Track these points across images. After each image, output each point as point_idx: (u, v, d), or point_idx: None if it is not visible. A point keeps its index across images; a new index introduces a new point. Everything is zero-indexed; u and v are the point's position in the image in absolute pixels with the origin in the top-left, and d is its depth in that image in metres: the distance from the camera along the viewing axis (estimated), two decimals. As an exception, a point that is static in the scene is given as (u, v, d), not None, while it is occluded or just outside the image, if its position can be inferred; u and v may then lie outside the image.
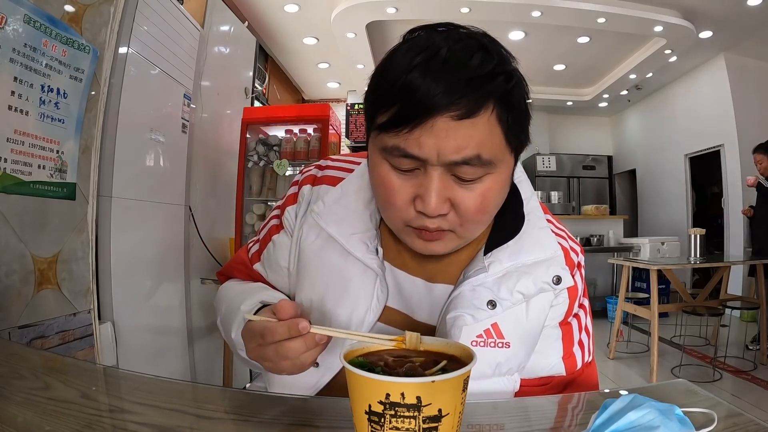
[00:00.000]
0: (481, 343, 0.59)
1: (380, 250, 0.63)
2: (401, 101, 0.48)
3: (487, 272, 0.60)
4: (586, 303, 0.69)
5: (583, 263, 0.67)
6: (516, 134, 0.53)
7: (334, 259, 0.64)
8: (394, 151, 0.50)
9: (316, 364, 0.61)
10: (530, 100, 0.55)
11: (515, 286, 0.60)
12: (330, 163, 0.72)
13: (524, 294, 0.60)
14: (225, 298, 0.71)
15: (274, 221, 0.74)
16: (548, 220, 0.66)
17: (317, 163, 0.74)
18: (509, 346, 0.60)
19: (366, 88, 0.55)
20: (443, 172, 0.50)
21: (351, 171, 0.69)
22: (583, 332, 0.67)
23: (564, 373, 0.65)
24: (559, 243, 0.63)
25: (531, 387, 0.66)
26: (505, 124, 0.51)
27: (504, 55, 0.52)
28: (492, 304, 0.59)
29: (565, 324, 0.65)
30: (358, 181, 0.66)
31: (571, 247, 0.66)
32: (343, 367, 0.40)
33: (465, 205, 0.52)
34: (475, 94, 0.48)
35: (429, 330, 0.62)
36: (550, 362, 0.65)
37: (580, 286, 0.66)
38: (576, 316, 0.66)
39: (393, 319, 0.64)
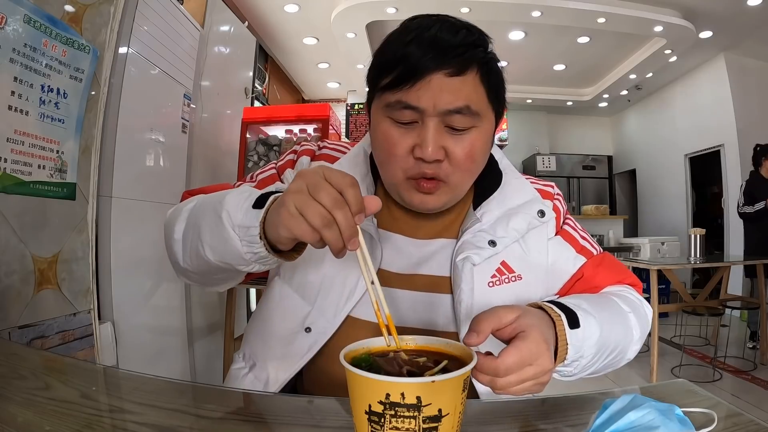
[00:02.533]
0: (497, 282, 0.67)
1: (375, 219, 0.68)
2: (402, 64, 0.58)
3: (481, 222, 0.68)
4: (571, 219, 0.78)
5: (561, 193, 0.78)
6: (496, 97, 0.63)
7: None
8: (397, 105, 0.59)
9: (308, 329, 0.65)
10: (504, 75, 0.65)
11: (508, 224, 0.69)
12: (327, 144, 0.79)
13: (517, 230, 0.69)
14: (203, 196, 0.66)
15: (272, 171, 0.77)
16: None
17: (315, 143, 0.80)
18: (521, 278, 0.68)
19: (367, 72, 0.64)
20: (438, 122, 0.58)
21: (344, 153, 0.77)
22: (580, 231, 0.77)
23: (585, 260, 0.73)
24: (534, 188, 0.75)
25: (569, 291, 0.73)
26: (487, 85, 0.60)
27: (484, 36, 0.62)
28: (492, 243, 0.67)
29: (560, 231, 0.75)
30: (353, 159, 0.74)
31: (545, 184, 0.77)
32: (339, 356, 0.40)
33: (456, 152, 0.60)
34: (462, 57, 0.58)
35: (436, 280, 0.67)
36: (570, 262, 0.73)
37: (562, 208, 0.76)
38: (566, 223, 0.76)
39: (393, 280, 0.67)
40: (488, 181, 0.72)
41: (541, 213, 0.71)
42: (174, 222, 0.65)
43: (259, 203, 0.52)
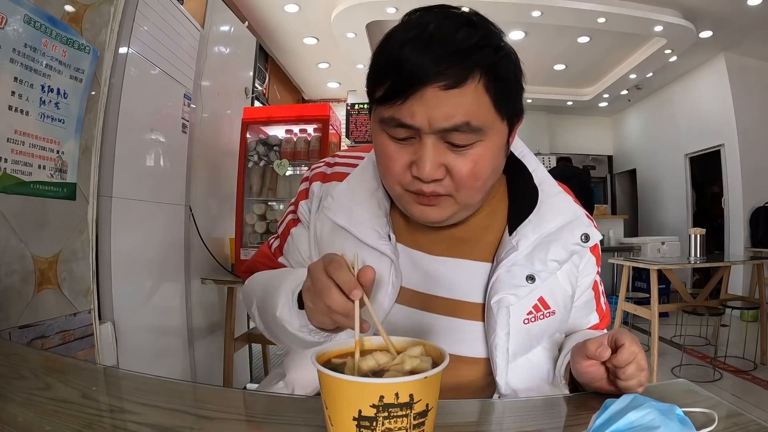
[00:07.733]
0: (532, 319, 0.63)
1: (392, 236, 0.65)
2: (393, 75, 0.52)
3: (518, 250, 0.62)
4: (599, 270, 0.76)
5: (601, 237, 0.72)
6: (505, 104, 0.55)
7: (349, 251, 0.66)
8: (390, 122, 0.54)
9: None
10: (524, 74, 0.57)
11: (547, 255, 0.63)
12: (338, 159, 0.75)
13: (558, 261, 0.63)
14: (259, 285, 0.70)
15: (290, 216, 0.76)
16: None
17: (326, 160, 0.76)
18: (555, 313, 0.65)
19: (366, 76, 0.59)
20: (437, 139, 0.53)
21: (357, 166, 0.72)
22: (601, 285, 0.76)
23: (599, 321, 0.75)
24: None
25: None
26: (493, 94, 0.53)
27: (491, 29, 0.55)
28: (531, 278, 0.62)
29: (594, 287, 0.73)
30: (362, 173, 0.69)
31: (586, 214, 0.70)
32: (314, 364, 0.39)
33: (458, 170, 0.54)
34: (461, 64, 0.50)
35: (458, 305, 0.64)
36: (590, 318, 0.74)
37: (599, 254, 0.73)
38: (597, 272, 0.73)
39: (413, 299, 0.65)
40: (521, 197, 0.66)
41: (586, 237, 0.64)
42: (253, 315, 0.71)
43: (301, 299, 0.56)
